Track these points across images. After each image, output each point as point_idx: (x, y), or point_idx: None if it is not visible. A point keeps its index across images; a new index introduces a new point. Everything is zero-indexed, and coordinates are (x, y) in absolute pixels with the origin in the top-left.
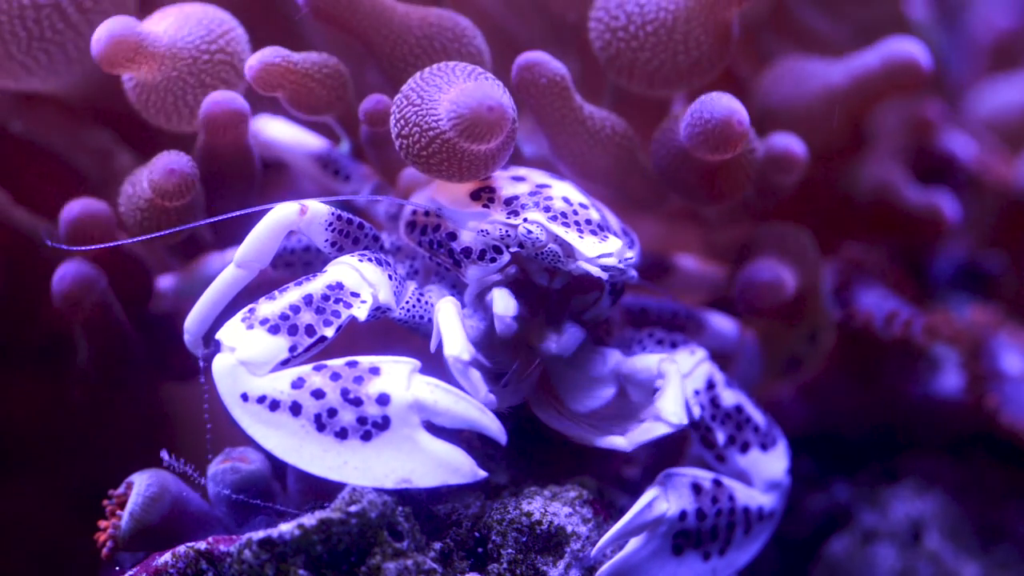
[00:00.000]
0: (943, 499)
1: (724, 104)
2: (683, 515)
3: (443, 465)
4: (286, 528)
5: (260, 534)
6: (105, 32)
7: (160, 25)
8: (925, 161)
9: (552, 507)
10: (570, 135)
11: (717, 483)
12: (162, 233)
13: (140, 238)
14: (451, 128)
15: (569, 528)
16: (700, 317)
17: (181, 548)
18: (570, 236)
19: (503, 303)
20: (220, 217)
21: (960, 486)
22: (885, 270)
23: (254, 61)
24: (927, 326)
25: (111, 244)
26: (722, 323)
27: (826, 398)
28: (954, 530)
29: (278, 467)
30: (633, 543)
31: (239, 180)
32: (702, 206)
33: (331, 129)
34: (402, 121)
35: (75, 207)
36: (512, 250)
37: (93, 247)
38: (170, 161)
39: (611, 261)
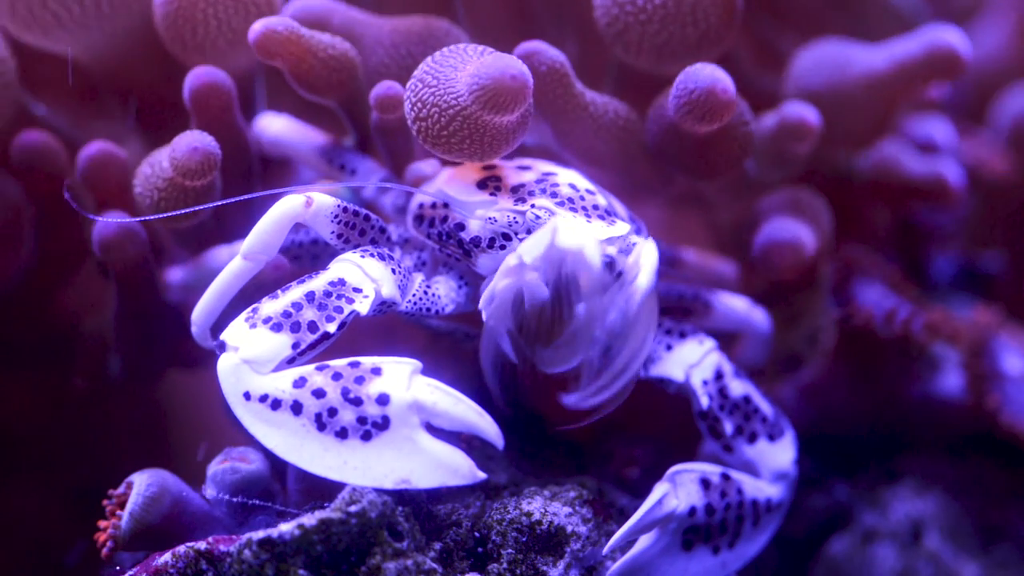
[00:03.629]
0: (943, 499)
1: (707, 73)
2: (692, 511)
3: (442, 466)
4: (286, 528)
5: (260, 534)
6: None
7: None
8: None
9: (552, 507)
10: (573, 122)
11: (725, 477)
12: (174, 213)
13: (157, 216)
14: (473, 101)
15: (569, 528)
16: (707, 297)
17: (181, 548)
18: (578, 221)
19: None
20: (229, 200)
21: (960, 486)
22: (885, 269)
23: (258, 25)
24: (927, 324)
25: (134, 220)
26: (732, 301)
27: (826, 398)
28: (954, 530)
29: (278, 467)
30: (643, 541)
31: (236, 165)
32: (698, 180)
33: (338, 122)
34: (419, 104)
35: (93, 147)
36: (521, 237)
37: (112, 219)
38: (194, 139)
39: (618, 234)
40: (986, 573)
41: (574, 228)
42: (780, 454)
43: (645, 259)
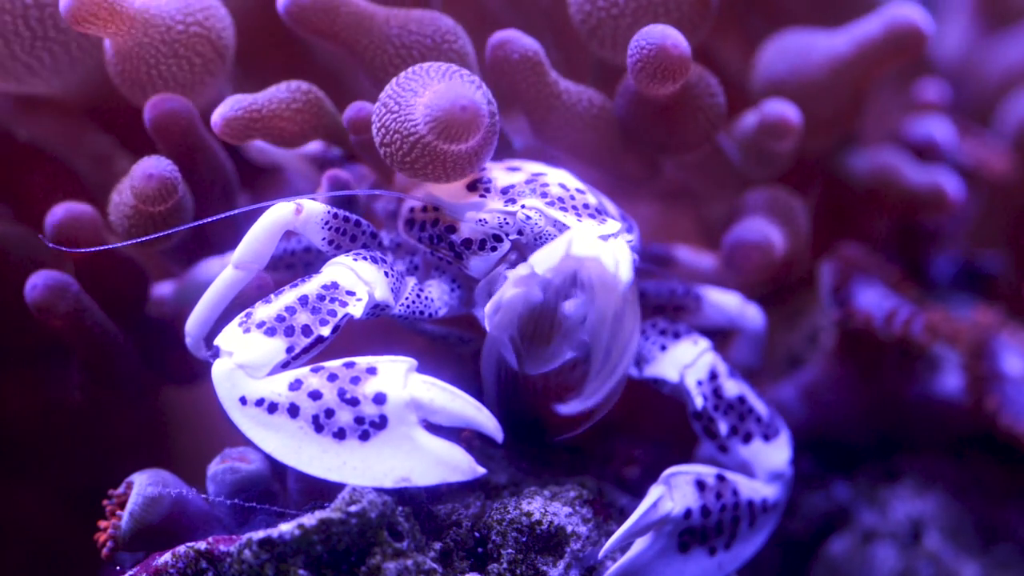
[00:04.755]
0: (943, 499)
1: (659, 31)
2: (688, 513)
3: (442, 463)
4: (286, 528)
5: (260, 534)
6: None
7: None
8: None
9: (552, 507)
10: (547, 110)
11: (720, 478)
12: (152, 236)
13: (132, 241)
14: (428, 131)
15: (569, 528)
16: (698, 292)
17: (181, 548)
18: (568, 220)
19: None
20: (216, 217)
21: (960, 486)
22: (884, 269)
23: (216, 117)
24: (927, 324)
25: (101, 248)
26: (724, 297)
27: (826, 398)
28: (954, 530)
29: (278, 467)
30: (639, 543)
31: (212, 183)
32: (671, 155)
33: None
34: (383, 130)
35: (59, 211)
36: (512, 237)
37: (84, 251)
38: (148, 166)
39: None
40: (986, 573)
41: (590, 237)
42: (775, 454)
43: (621, 254)
